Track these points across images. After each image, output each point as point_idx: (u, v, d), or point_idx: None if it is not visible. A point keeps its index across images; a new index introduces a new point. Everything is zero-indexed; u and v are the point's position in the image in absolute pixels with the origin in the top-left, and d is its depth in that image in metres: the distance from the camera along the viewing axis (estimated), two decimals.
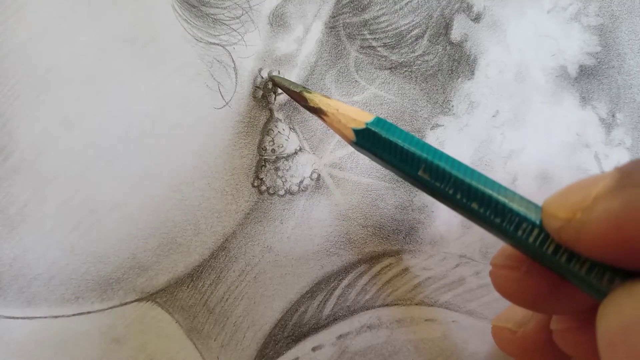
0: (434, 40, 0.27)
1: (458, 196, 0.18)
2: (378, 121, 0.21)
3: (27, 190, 0.23)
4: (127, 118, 0.24)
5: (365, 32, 0.27)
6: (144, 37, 0.24)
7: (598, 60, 0.29)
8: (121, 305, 0.25)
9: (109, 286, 0.25)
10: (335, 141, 0.27)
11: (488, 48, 0.28)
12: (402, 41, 0.27)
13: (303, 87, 0.24)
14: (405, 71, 0.27)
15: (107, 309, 0.25)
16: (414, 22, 0.27)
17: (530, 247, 0.17)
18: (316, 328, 0.26)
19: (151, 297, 0.25)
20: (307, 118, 0.26)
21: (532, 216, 0.17)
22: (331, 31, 0.26)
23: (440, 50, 0.27)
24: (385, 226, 0.27)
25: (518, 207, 0.18)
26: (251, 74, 0.26)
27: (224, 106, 0.25)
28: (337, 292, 0.26)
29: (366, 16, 0.27)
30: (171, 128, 0.25)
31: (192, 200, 0.25)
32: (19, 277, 0.24)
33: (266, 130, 0.26)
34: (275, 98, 0.26)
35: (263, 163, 0.26)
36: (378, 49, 0.27)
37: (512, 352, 0.24)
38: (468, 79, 0.28)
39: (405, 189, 0.27)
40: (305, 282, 0.26)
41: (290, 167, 0.26)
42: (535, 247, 0.17)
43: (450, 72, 0.28)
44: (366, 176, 0.27)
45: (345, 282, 0.26)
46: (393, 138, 0.20)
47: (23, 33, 0.23)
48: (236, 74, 0.25)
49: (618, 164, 0.28)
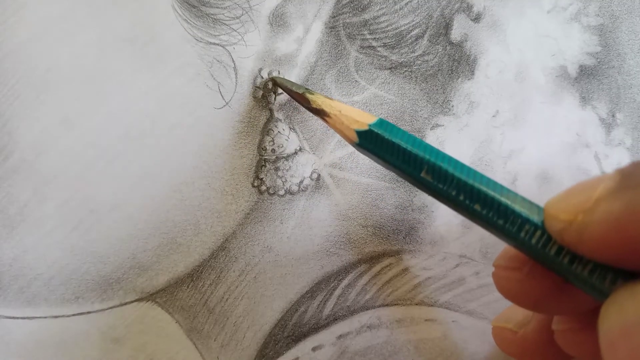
0: (434, 40, 0.27)
1: (461, 198, 0.18)
2: (381, 123, 0.21)
3: (27, 190, 0.23)
4: (127, 118, 0.24)
5: (365, 32, 0.27)
6: (144, 37, 0.24)
7: (598, 60, 0.29)
8: (121, 305, 0.25)
9: (109, 286, 0.25)
10: (335, 141, 0.27)
11: (488, 48, 0.28)
12: (402, 41, 0.27)
13: (305, 89, 0.24)
14: (405, 71, 0.27)
15: (107, 309, 0.25)
16: (414, 22, 0.27)
17: (532, 249, 0.17)
18: (316, 328, 0.26)
19: (151, 297, 0.25)
20: (307, 118, 0.26)
21: (535, 218, 0.17)
22: (331, 31, 0.26)
23: (440, 50, 0.27)
24: (385, 226, 0.27)
25: (520, 209, 0.18)
26: (251, 74, 0.26)
27: (224, 106, 0.25)
28: (337, 292, 0.26)
29: (366, 16, 0.27)
30: (171, 128, 0.25)
31: (192, 200, 0.25)
32: (19, 277, 0.24)
33: (266, 130, 0.26)
34: (275, 98, 0.26)
35: (263, 163, 0.26)
36: (378, 49, 0.27)
37: (513, 353, 0.24)
38: (468, 79, 0.28)
39: (405, 189, 0.27)
40: (305, 282, 0.26)
41: (290, 167, 0.26)
42: (537, 249, 0.17)
43: (450, 72, 0.28)
44: (366, 176, 0.27)
45: (345, 282, 0.26)
46: (396, 139, 0.20)
47: (23, 33, 0.23)
48: (236, 74, 0.25)
49: (618, 164, 0.28)
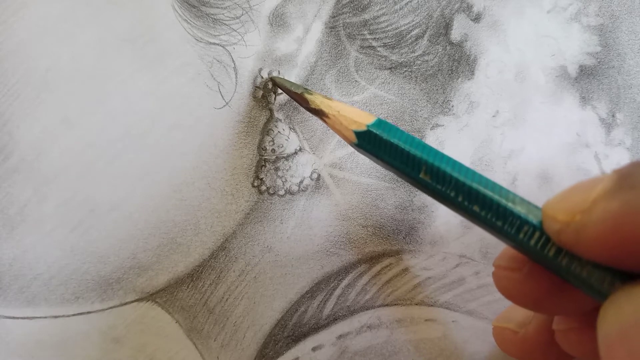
0: (434, 40, 0.27)
1: (460, 199, 0.18)
2: (379, 123, 0.21)
3: (27, 190, 0.23)
4: (127, 118, 0.24)
5: (365, 32, 0.27)
6: (144, 37, 0.24)
7: (598, 60, 0.29)
8: (121, 305, 0.25)
9: (109, 286, 0.25)
10: (335, 141, 0.27)
11: (488, 48, 0.28)
12: (402, 41, 0.27)
13: (304, 89, 0.24)
14: (405, 71, 0.27)
15: (107, 309, 0.25)
16: (414, 22, 0.27)
17: (531, 250, 0.17)
18: (316, 328, 0.26)
19: (151, 297, 0.25)
20: (307, 118, 0.26)
21: (533, 219, 0.17)
22: (331, 31, 0.26)
23: (440, 50, 0.27)
24: (385, 226, 0.27)
25: (519, 210, 0.18)
26: (251, 74, 0.26)
27: (224, 106, 0.25)
28: (337, 292, 0.26)
29: (366, 16, 0.27)
30: (171, 128, 0.25)
31: (192, 200, 0.25)
32: (19, 277, 0.24)
33: (266, 130, 0.26)
34: (275, 98, 0.26)
35: (263, 163, 0.26)
36: (378, 49, 0.27)
37: (514, 353, 0.24)
38: (468, 79, 0.28)
39: (405, 189, 0.27)
40: (305, 282, 0.26)
41: (290, 167, 0.26)
42: (536, 250, 0.17)
43: (450, 72, 0.28)
44: (366, 176, 0.27)
45: (345, 282, 0.26)
46: (394, 140, 0.20)
47: (23, 33, 0.23)
48: (236, 74, 0.25)
49: (618, 164, 0.28)
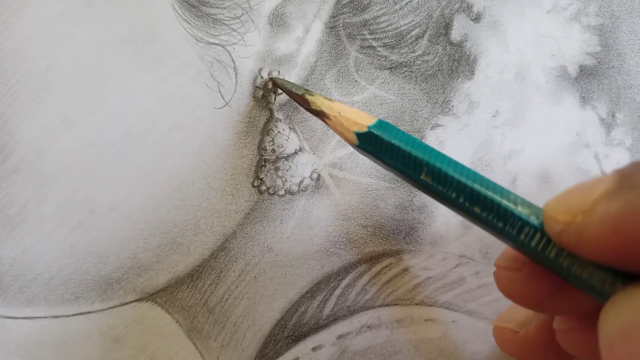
0: (434, 40, 0.27)
1: (460, 200, 0.18)
2: (380, 124, 0.21)
3: (27, 190, 0.23)
4: (127, 118, 0.24)
5: (365, 32, 0.27)
6: (144, 37, 0.24)
7: (598, 60, 0.29)
8: (121, 305, 0.25)
9: (109, 286, 0.25)
10: (335, 141, 0.27)
11: (488, 48, 0.28)
12: (402, 41, 0.27)
13: (305, 90, 0.24)
14: (405, 71, 0.27)
15: (107, 309, 0.25)
16: (414, 22, 0.27)
17: (532, 251, 0.17)
18: (316, 328, 0.26)
19: (151, 297, 0.25)
20: (307, 118, 0.26)
21: (534, 220, 0.17)
22: (331, 31, 0.26)
23: (440, 50, 0.27)
24: (385, 226, 0.27)
25: (520, 211, 0.18)
26: (251, 74, 0.26)
27: (224, 106, 0.25)
28: (337, 292, 0.26)
29: (366, 16, 0.27)
30: (171, 128, 0.25)
31: (192, 200, 0.25)
32: (19, 277, 0.24)
33: (266, 130, 0.26)
34: (275, 98, 0.26)
35: (263, 163, 0.26)
36: (378, 49, 0.27)
37: (514, 353, 0.24)
38: (468, 79, 0.28)
39: (405, 189, 0.27)
40: (305, 282, 0.26)
41: (290, 167, 0.26)
42: (537, 251, 0.17)
43: (450, 72, 0.28)
44: (366, 176, 0.27)
45: (345, 282, 0.26)
46: (395, 141, 0.20)
47: (23, 33, 0.23)
48: (236, 74, 0.25)
49: (618, 164, 0.28)
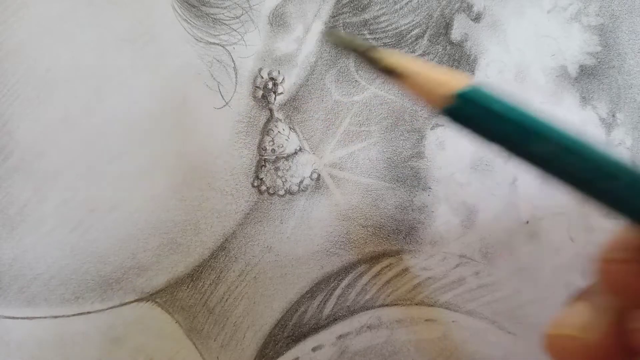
0: (434, 40, 0.27)
1: (586, 174, 0.16)
2: (474, 90, 0.17)
3: (27, 190, 0.23)
4: (127, 118, 0.24)
5: (365, 32, 0.27)
6: (144, 37, 0.24)
7: (598, 60, 0.29)
8: (121, 305, 0.25)
9: (109, 286, 0.25)
10: (335, 141, 0.27)
11: (488, 48, 0.28)
12: (402, 41, 0.27)
13: (369, 45, 0.20)
14: None
15: (107, 309, 0.25)
16: (414, 22, 0.27)
17: None
18: (316, 328, 0.26)
19: (151, 297, 0.25)
20: (307, 118, 0.26)
21: None
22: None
23: (440, 50, 0.27)
24: (385, 226, 0.27)
25: None
26: (251, 74, 0.26)
27: (224, 106, 0.25)
28: (337, 292, 0.26)
29: (366, 16, 0.27)
30: (171, 128, 0.25)
31: (192, 200, 0.25)
32: (19, 277, 0.24)
33: (266, 130, 0.26)
34: (275, 98, 0.26)
35: (263, 163, 0.26)
36: None
37: None
38: None
39: (405, 189, 0.27)
40: (305, 282, 0.26)
41: (290, 167, 0.26)
42: None
43: None
44: (366, 176, 0.27)
45: (345, 282, 0.26)
46: (497, 107, 0.17)
47: (23, 33, 0.23)
48: (236, 74, 0.25)
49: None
